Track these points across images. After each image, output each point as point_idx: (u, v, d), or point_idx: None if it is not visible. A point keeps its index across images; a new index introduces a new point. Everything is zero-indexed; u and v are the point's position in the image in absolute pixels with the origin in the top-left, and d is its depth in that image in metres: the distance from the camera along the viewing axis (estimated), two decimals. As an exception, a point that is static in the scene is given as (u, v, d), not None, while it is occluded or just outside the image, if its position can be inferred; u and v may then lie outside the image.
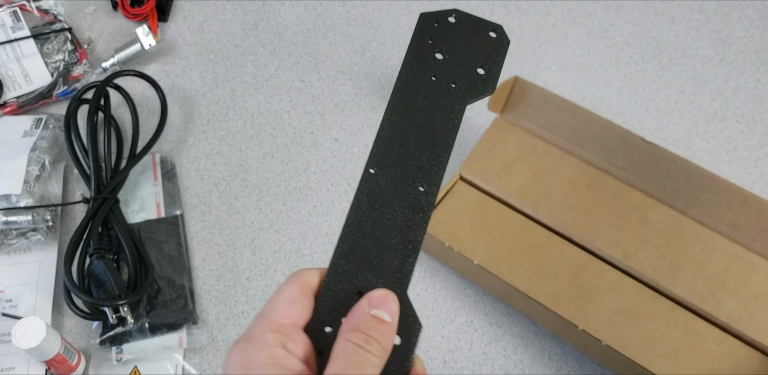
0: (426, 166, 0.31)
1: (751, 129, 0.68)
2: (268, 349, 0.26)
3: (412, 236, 0.30)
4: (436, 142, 0.32)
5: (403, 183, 0.31)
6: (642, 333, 0.50)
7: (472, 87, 0.33)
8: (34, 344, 0.45)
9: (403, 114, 0.32)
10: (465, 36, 0.33)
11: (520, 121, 0.58)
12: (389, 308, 0.28)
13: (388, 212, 0.31)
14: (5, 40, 0.63)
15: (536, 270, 0.53)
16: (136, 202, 0.59)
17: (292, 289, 0.28)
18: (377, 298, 0.28)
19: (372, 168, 0.31)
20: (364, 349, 0.26)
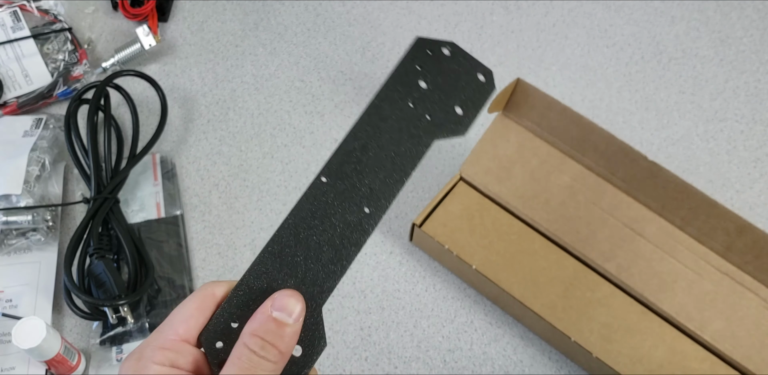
0: (378, 189, 0.31)
1: (751, 129, 0.68)
2: (155, 368, 0.27)
3: (344, 255, 0.30)
4: (395, 168, 0.31)
5: (350, 200, 0.31)
6: (631, 348, 0.51)
7: (445, 124, 0.32)
8: (34, 344, 0.45)
9: (371, 131, 0.32)
10: (454, 71, 0.33)
11: (523, 120, 0.58)
12: (292, 310, 0.27)
13: (327, 225, 0.30)
14: (5, 40, 0.63)
15: (532, 278, 0.53)
16: (136, 202, 0.59)
17: (190, 305, 0.29)
18: (281, 300, 0.28)
19: (324, 177, 0.31)
20: (259, 355, 0.26)
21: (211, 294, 0.29)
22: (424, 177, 0.64)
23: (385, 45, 0.71)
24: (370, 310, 0.57)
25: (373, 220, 0.31)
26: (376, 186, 0.31)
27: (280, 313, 0.27)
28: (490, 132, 0.58)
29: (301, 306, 0.28)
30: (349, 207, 0.31)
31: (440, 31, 0.72)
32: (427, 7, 0.73)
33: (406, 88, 0.32)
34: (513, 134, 0.58)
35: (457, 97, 0.32)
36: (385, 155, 0.31)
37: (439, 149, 0.65)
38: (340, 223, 0.30)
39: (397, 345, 0.56)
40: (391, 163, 0.31)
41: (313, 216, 0.30)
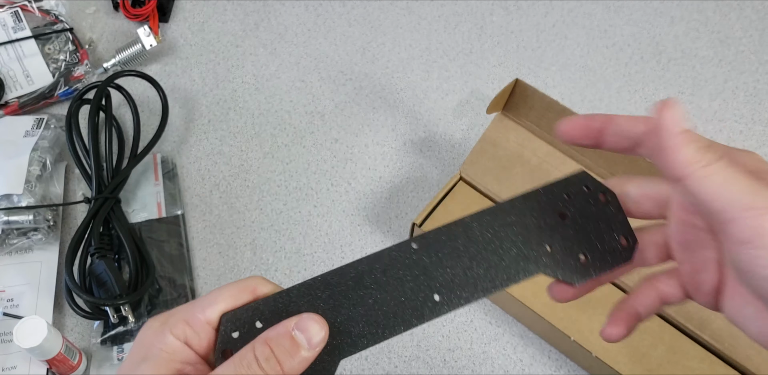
0: (459, 284, 0.29)
1: (750, 129, 0.68)
2: (170, 338, 0.27)
3: (390, 325, 0.29)
4: (487, 276, 0.30)
5: (427, 278, 0.29)
6: (630, 347, 0.51)
7: (560, 265, 0.30)
8: (36, 343, 0.46)
9: (487, 227, 0.30)
10: (599, 219, 0.31)
11: (522, 120, 0.58)
12: (311, 336, 0.27)
13: (393, 289, 0.29)
14: (7, 41, 0.63)
15: (531, 278, 0.53)
16: (137, 201, 0.59)
17: (229, 290, 0.28)
18: (306, 321, 0.27)
19: (416, 244, 0.30)
20: (259, 364, 0.26)
21: (253, 288, 0.29)
22: (424, 176, 0.64)
23: (385, 45, 0.71)
24: (371, 310, 0.57)
25: (436, 311, 0.29)
26: (459, 281, 0.29)
27: (299, 334, 0.27)
28: (489, 132, 0.59)
29: (324, 335, 0.27)
30: (423, 284, 0.29)
31: (440, 32, 0.72)
32: (427, 7, 0.74)
33: (544, 209, 0.31)
34: (513, 134, 0.58)
35: (587, 246, 0.30)
36: (485, 257, 0.30)
37: (439, 149, 0.65)
38: (405, 294, 0.29)
39: (397, 344, 0.56)
40: (485, 269, 0.30)
41: (385, 273, 0.29)
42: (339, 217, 0.61)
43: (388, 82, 0.69)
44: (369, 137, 0.66)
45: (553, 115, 0.55)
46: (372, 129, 0.66)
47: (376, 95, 0.68)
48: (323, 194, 0.62)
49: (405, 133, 0.66)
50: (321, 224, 0.61)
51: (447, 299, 0.29)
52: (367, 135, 0.66)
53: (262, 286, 0.29)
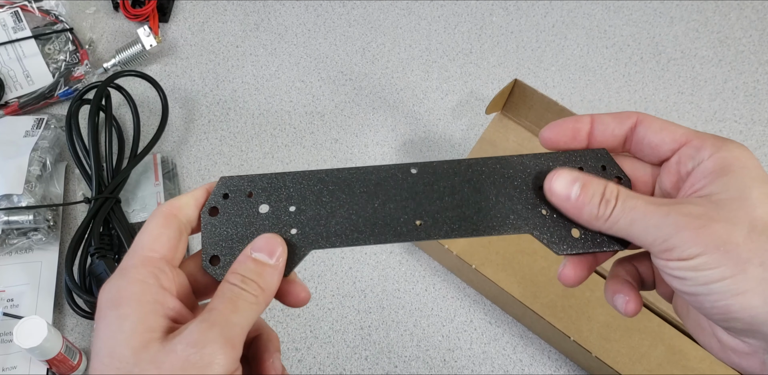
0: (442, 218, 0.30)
1: (750, 129, 0.68)
2: (140, 284, 0.27)
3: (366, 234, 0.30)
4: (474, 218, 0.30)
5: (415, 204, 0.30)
6: (630, 347, 0.51)
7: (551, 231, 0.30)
8: (36, 343, 0.46)
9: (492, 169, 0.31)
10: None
11: (521, 120, 0.58)
12: (271, 251, 0.28)
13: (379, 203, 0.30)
14: (7, 41, 0.63)
15: (531, 278, 0.53)
16: (137, 201, 0.59)
17: (153, 223, 0.29)
18: (259, 243, 0.29)
19: (416, 169, 0.30)
20: (240, 287, 0.27)
21: (172, 214, 0.29)
22: (424, 177, 0.64)
23: (385, 46, 0.71)
24: (370, 310, 0.57)
25: (414, 235, 0.30)
26: (445, 215, 0.30)
27: (257, 254, 0.28)
28: (489, 132, 0.59)
29: (282, 247, 0.29)
30: (409, 207, 0.30)
31: (440, 32, 0.72)
32: (426, 7, 0.74)
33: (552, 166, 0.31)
34: (512, 134, 0.58)
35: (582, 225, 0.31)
36: (478, 201, 0.30)
37: (439, 149, 0.65)
38: (389, 210, 0.30)
39: (397, 344, 0.56)
40: (474, 212, 0.30)
41: (377, 186, 0.30)
42: (339, 217, 0.61)
43: (388, 82, 0.69)
44: (369, 137, 0.66)
45: (552, 116, 0.55)
46: (372, 129, 0.66)
47: (376, 95, 0.68)
48: (323, 194, 0.62)
49: (405, 133, 0.66)
50: (321, 224, 0.61)
51: (427, 227, 0.30)
52: (367, 135, 0.66)
53: (172, 207, 0.29)
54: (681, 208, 0.27)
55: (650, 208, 0.27)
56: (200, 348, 0.25)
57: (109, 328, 0.26)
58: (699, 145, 0.28)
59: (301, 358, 0.55)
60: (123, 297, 0.26)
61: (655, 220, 0.27)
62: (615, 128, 0.30)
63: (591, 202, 0.28)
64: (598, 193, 0.28)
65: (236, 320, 0.26)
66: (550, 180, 0.29)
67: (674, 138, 0.29)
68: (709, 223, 0.26)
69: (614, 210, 0.28)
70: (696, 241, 0.26)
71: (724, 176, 0.27)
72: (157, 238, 0.28)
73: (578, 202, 0.29)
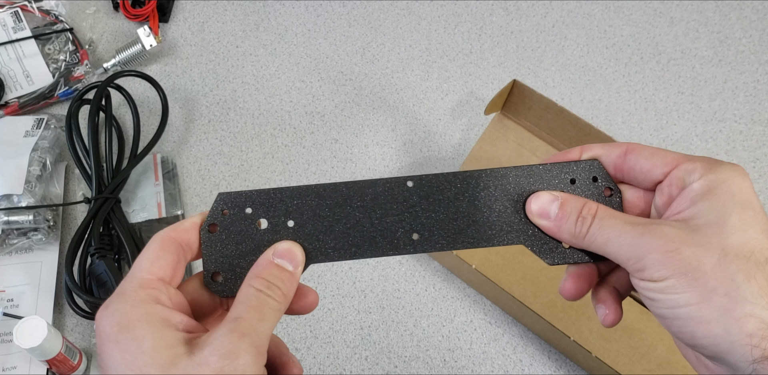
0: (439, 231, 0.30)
1: (749, 129, 0.68)
2: (144, 306, 0.27)
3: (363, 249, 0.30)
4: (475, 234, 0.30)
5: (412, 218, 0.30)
6: (630, 347, 0.51)
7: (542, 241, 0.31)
8: (36, 344, 0.46)
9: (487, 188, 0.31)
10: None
11: (521, 120, 0.58)
12: (292, 258, 0.29)
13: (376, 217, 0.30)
14: (7, 41, 0.63)
15: (531, 278, 0.53)
16: (137, 202, 0.59)
17: (152, 247, 0.29)
18: (282, 249, 0.29)
19: (413, 182, 0.31)
20: (265, 294, 0.27)
21: (170, 238, 0.29)
22: (424, 177, 0.64)
23: (385, 46, 0.71)
24: (370, 310, 0.57)
25: (411, 248, 0.30)
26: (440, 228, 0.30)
27: (280, 260, 0.29)
28: (489, 131, 0.59)
29: (301, 255, 0.29)
30: (405, 221, 0.30)
31: (440, 32, 0.72)
32: (426, 7, 0.74)
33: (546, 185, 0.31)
34: (512, 134, 0.58)
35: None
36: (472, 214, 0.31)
37: (439, 149, 0.65)
38: (386, 224, 0.30)
39: (397, 344, 0.56)
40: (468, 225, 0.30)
41: (374, 200, 0.30)
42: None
43: (388, 82, 0.69)
44: (369, 137, 0.66)
45: (552, 116, 0.55)
46: (372, 129, 0.66)
47: (376, 95, 0.68)
48: (323, 194, 0.62)
49: (405, 133, 0.66)
50: (321, 224, 0.61)
51: (423, 240, 0.30)
52: (367, 135, 0.66)
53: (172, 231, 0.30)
54: (656, 228, 0.27)
55: (626, 228, 0.28)
56: (234, 359, 0.25)
57: (128, 351, 0.25)
58: (690, 167, 0.28)
59: (301, 358, 0.55)
60: (132, 320, 0.26)
61: (629, 240, 0.27)
62: (604, 156, 0.31)
63: (568, 220, 0.29)
64: (576, 211, 0.29)
65: (263, 328, 0.26)
66: (530, 201, 0.30)
67: (665, 162, 0.29)
68: (680, 247, 0.26)
69: (590, 228, 0.28)
70: (665, 264, 0.26)
71: (706, 200, 0.27)
72: (154, 262, 0.28)
73: (556, 220, 0.29)
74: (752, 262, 0.26)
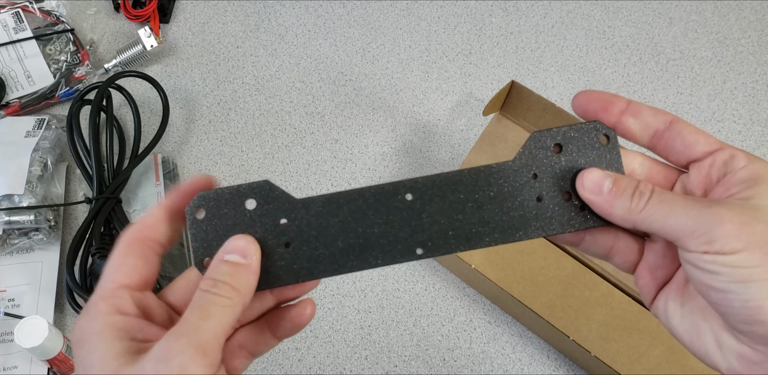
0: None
1: (748, 129, 0.68)
2: (102, 318, 0.27)
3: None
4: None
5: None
6: (629, 346, 0.51)
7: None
8: (37, 343, 0.46)
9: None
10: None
11: (520, 120, 0.58)
12: (243, 251, 0.28)
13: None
14: (8, 41, 0.63)
15: (530, 277, 0.53)
16: (138, 202, 0.59)
17: (115, 254, 0.29)
18: (230, 246, 0.28)
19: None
20: (211, 292, 0.27)
21: (133, 239, 0.29)
22: (424, 177, 0.64)
23: (385, 46, 0.71)
24: (370, 309, 0.57)
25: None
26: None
27: (230, 255, 0.28)
28: (488, 131, 0.59)
29: (254, 247, 0.28)
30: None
31: (439, 33, 0.72)
32: (426, 8, 0.74)
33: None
34: (511, 134, 0.58)
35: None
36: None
37: (438, 149, 0.65)
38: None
39: (397, 344, 0.56)
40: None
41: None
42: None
43: (388, 82, 0.69)
44: (369, 138, 0.66)
45: (550, 116, 0.55)
46: (372, 129, 0.66)
47: (375, 96, 0.68)
48: (323, 194, 0.63)
49: (405, 134, 0.66)
50: (321, 224, 0.61)
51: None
52: (367, 135, 0.66)
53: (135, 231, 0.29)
54: (723, 202, 0.26)
55: (689, 201, 0.27)
56: (168, 362, 0.25)
57: (81, 365, 0.26)
58: (733, 153, 0.28)
59: (301, 357, 0.55)
60: (85, 334, 0.27)
61: (697, 211, 0.26)
62: (650, 119, 0.30)
63: (624, 195, 0.28)
64: (631, 186, 0.28)
65: (207, 326, 0.26)
66: (582, 176, 0.29)
67: (709, 142, 0.29)
68: (753, 222, 0.26)
69: (649, 201, 0.28)
70: (739, 236, 0.25)
71: (759, 185, 0.27)
72: (118, 269, 0.28)
73: (610, 195, 0.28)
74: None
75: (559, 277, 0.54)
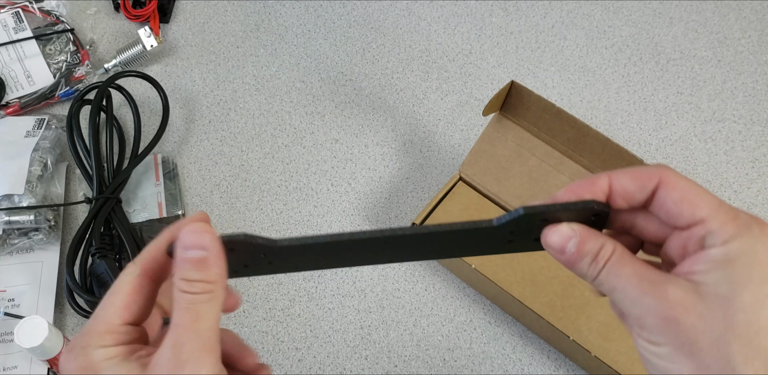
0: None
1: (748, 129, 0.68)
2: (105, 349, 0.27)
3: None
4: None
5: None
6: (630, 346, 0.51)
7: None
8: (37, 343, 0.46)
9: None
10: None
11: (520, 120, 0.58)
12: (200, 243, 0.27)
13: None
14: (8, 41, 0.63)
15: (531, 277, 0.53)
16: (138, 202, 0.59)
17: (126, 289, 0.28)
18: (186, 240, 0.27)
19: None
20: (189, 292, 0.26)
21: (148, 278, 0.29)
22: (424, 177, 0.64)
23: (386, 46, 0.71)
24: (370, 309, 0.57)
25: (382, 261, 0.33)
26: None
27: (191, 252, 0.27)
28: (488, 132, 0.59)
29: (210, 235, 0.27)
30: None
31: (440, 32, 0.72)
32: (426, 8, 0.74)
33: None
34: (511, 134, 0.58)
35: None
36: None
37: (438, 149, 0.65)
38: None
39: (397, 344, 0.56)
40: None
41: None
42: (339, 218, 0.61)
43: (388, 82, 0.69)
44: (369, 137, 0.66)
45: (550, 117, 0.55)
46: (372, 129, 0.66)
47: (375, 96, 0.68)
48: (323, 194, 0.63)
49: (405, 134, 0.66)
50: (321, 224, 0.61)
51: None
52: (367, 135, 0.66)
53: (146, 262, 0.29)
54: (662, 289, 0.26)
55: (632, 281, 0.27)
56: (181, 370, 0.25)
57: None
58: (715, 228, 0.26)
59: (301, 357, 0.55)
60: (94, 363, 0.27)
61: (633, 296, 0.27)
62: (636, 192, 0.29)
63: (583, 261, 0.28)
64: (593, 252, 0.28)
65: (203, 326, 0.26)
66: (546, 233, 0.29)
67: (692, 212, 0.27)
68: (681, 317, 0.25)
69: (600, 273, 0.28)
70: (663, 332, 0.26)
71: (721, 270, 0.26)
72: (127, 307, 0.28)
73: (571, 257, 0.29)
74: (754, 344, 0.25)
75: (559, 277, 0.54)
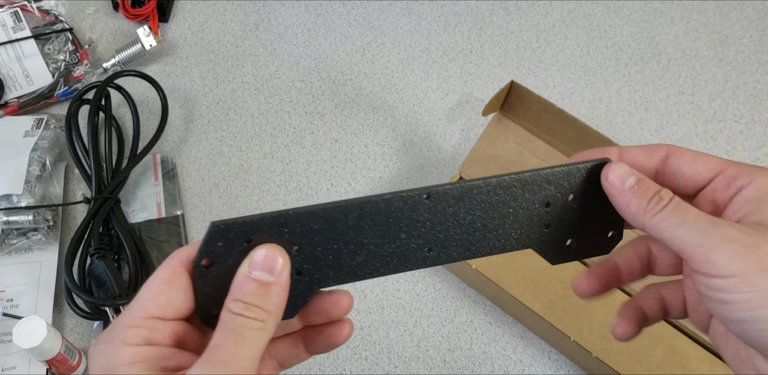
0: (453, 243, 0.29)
1: (750, 129, 0.68)
2: (129, 349, 0.26)
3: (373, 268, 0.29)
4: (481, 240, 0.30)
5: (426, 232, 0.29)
6: (630, 347, 0.51)
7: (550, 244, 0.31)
8: (35, 344, 0.46)
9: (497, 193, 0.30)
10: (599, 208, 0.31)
11: (520, 120, 0.58)
12: (272, 267, 0.26)
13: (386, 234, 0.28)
14: (6, 41, 0.63)
15: (531, 278, 0.53)
16: (136, 202, 0.59)
17: (158, 279, 0.27)
18: (257, 260, 0.26)
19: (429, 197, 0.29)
20: (244, 316, 0.25)
21: (184, 268, 0.27)
22: (424, 177, 0.64)
23: (385, 45, 0.71)
24: (370, 310, 0.57)
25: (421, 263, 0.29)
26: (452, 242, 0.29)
27: (259, 273, 0.26)
28: (488, 131, 0.58)
29: (283, 260, 0.26)
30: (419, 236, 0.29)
31: (440, 32, 0.72)
32: (426, 7, 0.74)
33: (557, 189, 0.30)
34: (511, 134, 0.58)
35: (577, 233, 0.31)
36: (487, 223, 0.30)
37: (438, 149, 0.65)
38: (398, 242, 0.29)
39: (397, 344, 0.56)
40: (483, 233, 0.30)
41: (388, 217, 0.28)
42: (339, 218, 0.61)
43: (388, 82, 0.69)
44: (369, 137, 0.66)
45: (550, 117, 0.55)
46: (372, 129, 0.66)
47: (375, 95, 0.68)
48: (323, 194, 0.62)
49: (405, 133, 0.66)
50: (321, 224, 0.61)
51: (435, 255, 0.29)
52: (367, 135, 0.66)
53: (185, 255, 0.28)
54: (732, 223, 0.26)
55: (701, 216, 0.26)
56: None
57: None
58: (734, 173, 0.28)
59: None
60: (112, 364, 0.25)
61: (705, 226, 0.26)
62: (645, 161, 0.30)
63: (644, 195, 0.28)
64: (653, 189, 0.28)
65: (244, 352, 0.25)
66: (608, 168, 0.29)
67: (708, 167, 0.28)
68: (760, 244, 0.25)
69: (666, 207, 0.27)
70: (743, 257, 0.24)
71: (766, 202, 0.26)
72: (155, 298, 0.27)
73: (630, 191, 0.28)
74: None
75: (559, 278, 0.54)
